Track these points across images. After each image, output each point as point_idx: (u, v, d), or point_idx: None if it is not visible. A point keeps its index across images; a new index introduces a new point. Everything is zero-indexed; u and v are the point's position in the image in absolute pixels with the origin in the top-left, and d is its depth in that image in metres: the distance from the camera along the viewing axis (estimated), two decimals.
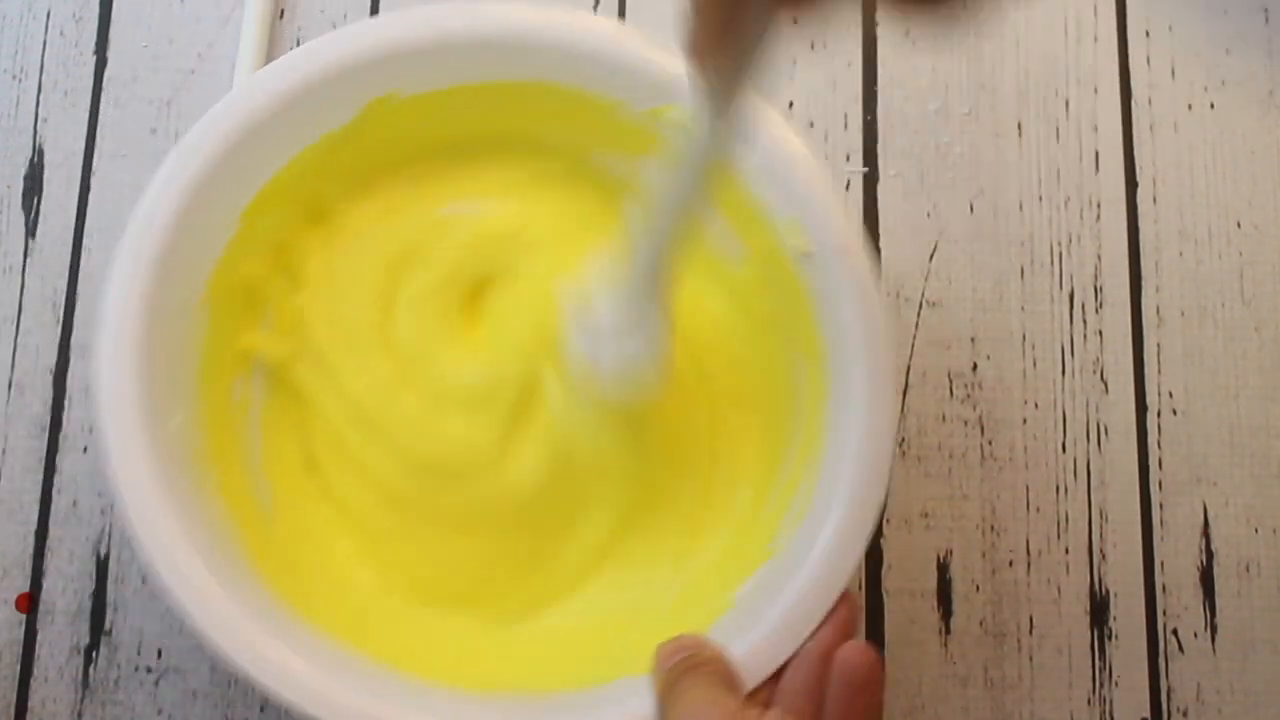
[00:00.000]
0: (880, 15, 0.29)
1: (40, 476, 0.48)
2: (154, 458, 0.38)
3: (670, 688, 0.37)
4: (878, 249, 0.51)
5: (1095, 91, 0.53)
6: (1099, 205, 0.52)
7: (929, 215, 0.52)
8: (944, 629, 0.48)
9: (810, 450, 0.42)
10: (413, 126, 0.44)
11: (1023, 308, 0.51)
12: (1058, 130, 0.52)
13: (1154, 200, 0.52)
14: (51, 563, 0.47)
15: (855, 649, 0.37)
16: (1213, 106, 0.53)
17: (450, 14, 0.42)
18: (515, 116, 0.45)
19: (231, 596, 0.38)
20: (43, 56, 0.52)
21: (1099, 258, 0.52)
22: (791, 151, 0.41)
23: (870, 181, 0.52)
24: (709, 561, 0.45)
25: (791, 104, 0.52)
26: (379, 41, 0.42)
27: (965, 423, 0.50)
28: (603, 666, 0.41)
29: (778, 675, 0.38)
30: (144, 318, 0.39)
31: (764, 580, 0.41)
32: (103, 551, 0.47)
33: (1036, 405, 0.50)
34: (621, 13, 0.53)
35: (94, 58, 0.52)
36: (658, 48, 0.42)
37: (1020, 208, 0.52)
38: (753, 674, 0.38)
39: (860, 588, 0.48)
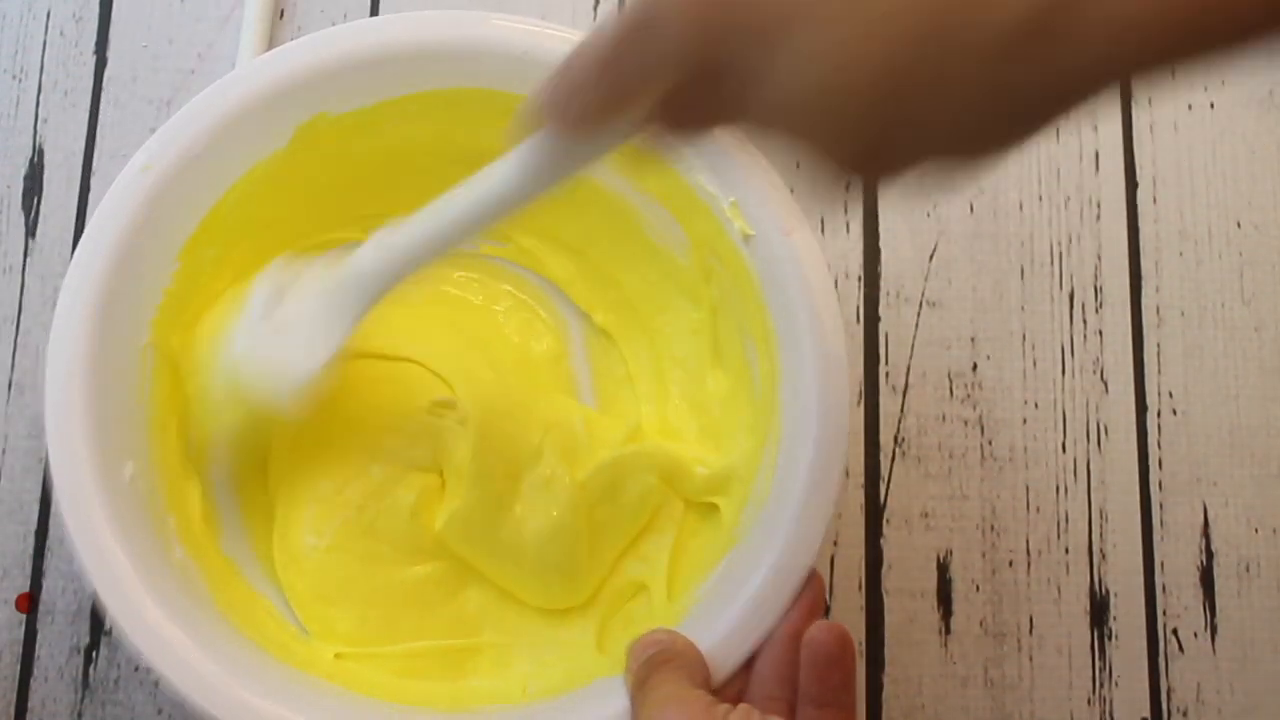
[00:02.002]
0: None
1: (40, 476, 0.48)
2: (109, 506, 0.38)
3: (641, 684, 0.37)
4: (878, 249, 0.51)
5: None
6: (1099, 205, 0.52)
7: (929, 215, 0.52)
8: (944, 629, 0.48)
9: (767, 433, 0.42)
10: (347, 146, 0.44)
11: (1023, 308, 0.51)
12: (1057, 130, 0.52)
13: (1154, 200, 0.52)
14: (51, 563, 0.47)
15: (822, 627, 0.37)
16: (1213, 106, 0.53)
17: (374, 27, 0.42)
18: (449, 127, 0.44)
19: (199, 646, 0.37)
20: (43, 56, 0.52)
21: (1099, 258, 0.52)
22: (726, 138, 0.41)
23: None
24: (677, 554, 0.45)
25: None
26: (304, 63, 0.41)
27: (965, 423, 0.50)
28: (579, 670, 0.42)
29: (752, 661, 0.38)
30: (89, 368, 0.39)
31: (730, 568, 0.41)
32: None
33: (1036, 405, 0.50)
34: None
35: (94, 58, 0.52)
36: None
37: (1020, 208, 0.52)
38: (724, 663, 0.38)
39: (860, 588, 0.48)
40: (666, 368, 0.48)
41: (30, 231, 0.50)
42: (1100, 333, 0.51)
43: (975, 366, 0.50)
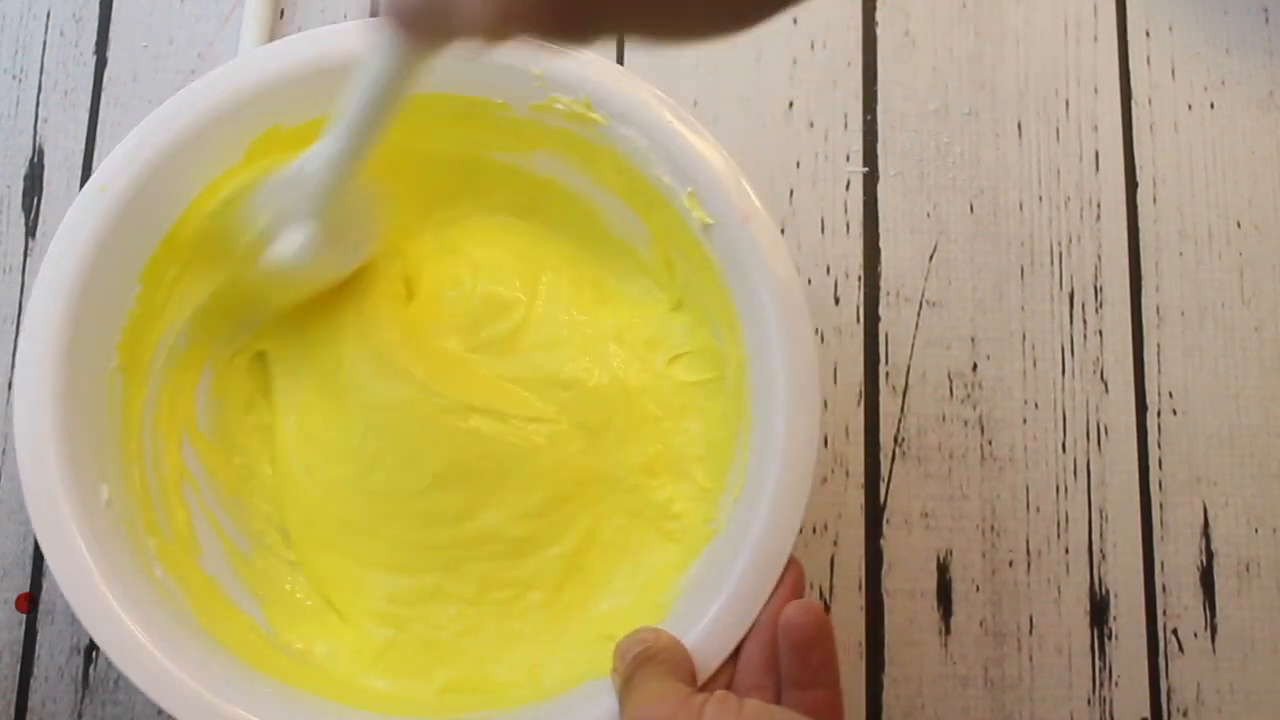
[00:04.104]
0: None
1: None
2: (86, 529, 0.38)
3: (627, 682, 0.37)
4: (878, 249, 0.51)
5: (1095, 91, 0.53)
6: (1099, 205, 0.52)
7: (929, 215, 0.52)
8: (944, 629, 0.48)
9: (739, 421, 0.42)
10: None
11: (1023, 308, 0.51)
12: (1058, 130, 0.53)
13: (1154, 200, 0.52)
14: None
15: (797, 608, 0.37)
16: (1213, 106, 0.53)
17: (324, 37, 0.42)
18: (402, 132, 0.44)
19: (179, 660, 0.37)
20: (43, 56, 0.52)
21: (1099, 258, 0.52)
22: (680, 129, 0.42)
23: (870, 181, 0.52)
24: (660, 550, 0.45)
25: (792, 104, 0.52)
26: (256, 77, 0.41)
27: (965, 423, 0.50)
28: (567, 672, 0.42)
29: (738, 653, 0.38)
30: (58, 394, 0.39)
31: (711, 560, 0.41)
32: None
33: (1036, 405, 0.50)
34: None
35: (94, 58, 0.52)
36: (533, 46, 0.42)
37: (1020, 208, 0.52)
38: (710, 656, 0.38)
39: (860, 588, 0.48)
40: None
41: (30, 231, 0.50)
42: (1100, 333, 0.51)
43: (975, 366, 0.50)
